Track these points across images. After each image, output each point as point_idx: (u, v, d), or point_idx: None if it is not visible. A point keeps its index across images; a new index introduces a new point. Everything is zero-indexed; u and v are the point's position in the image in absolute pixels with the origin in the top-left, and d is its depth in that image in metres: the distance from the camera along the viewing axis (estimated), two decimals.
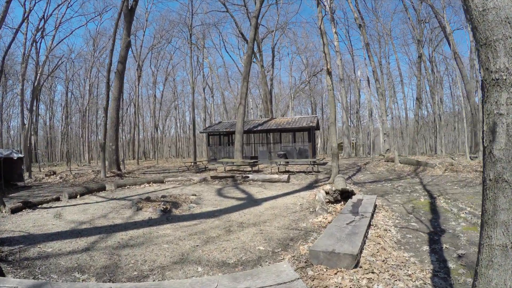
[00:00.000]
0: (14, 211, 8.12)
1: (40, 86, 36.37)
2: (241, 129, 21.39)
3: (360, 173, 15.95)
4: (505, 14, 2.00)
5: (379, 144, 41.29)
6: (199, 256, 4.63)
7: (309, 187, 11.48)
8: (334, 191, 7.41)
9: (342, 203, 7.40)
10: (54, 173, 19.82)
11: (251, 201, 8.90)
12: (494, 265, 2.05)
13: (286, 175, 13.17)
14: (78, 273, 4.15)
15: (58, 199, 10.04)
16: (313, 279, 3.68)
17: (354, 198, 7.07)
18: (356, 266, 3.90)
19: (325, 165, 19.50)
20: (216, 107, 59.68)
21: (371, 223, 5.80)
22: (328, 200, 7.55)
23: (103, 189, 12.12)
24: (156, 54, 46.18)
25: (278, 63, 66.87)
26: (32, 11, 27.58)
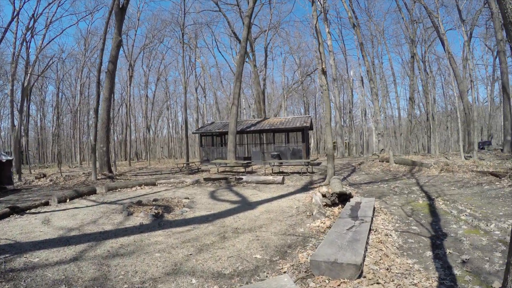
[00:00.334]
0: (1, 217, 7.79)
1: (30, 87, 35.73)
2: (234, 129, 21.13)
3: (355, 173, 15.79)
4: None
5: (372, 143, 41.36)
6: (193, 266, 4.38)
7: (304, 188, 11.27)
8: (332, 194, 7.20)
9: (340, 206, 7.19)
10: (44, 175, 19.40)
11: (245, 204, 8.64)
12: None
13: (280, 176, 12.94)
14: (65, 286, 3.87)
15: (47, 203, 9.70)
16: None
17: (352, 201, 6.86)
18: (360, 276, 3.68)
19: (319, 166, 19.33)
20: (209, 107, 59.34)
21: (371, 227, 5.60)
22: (325, 203, 7.33)
23: (93, 192, 11.78)
24: (148, 54, 45.74)
25: (270, 63, 66.81)
26: (22, 10, 27.15)
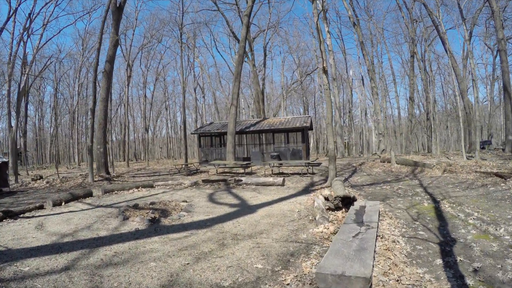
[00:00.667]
0: None
1: (28, 87, 35.43)
2: (233, 130, 20.89)
3: (356, 174, 15.54)
4: None
5: (372, 143, 41.15)
6: (190, 277, 4.11)
7: (305, 191, 11.00)
8: (335, 197, 6.93)
9: (344, 210, 6.93)
10: (41, 177, 19.10)
11: (245, 208, 8.36)
12: None
13: (280, 178, 12.66)
14: None
15: (42, 207, 9.43)
16: None
17: (356, 205, 6.61)
18: None
19: (320, 166, 19.06)
20: (208, 107, 59.10)
21: (377, 233, 5.35)
22: (328, 207, 7.07)
23: (89, 195, 11.51)
24: (146, 54, 45.46)
25: (269, 62, 66.41)
26: (20, 10, 26.84)
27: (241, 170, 18.20)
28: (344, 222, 5.41)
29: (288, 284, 3.85)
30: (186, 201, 9.41)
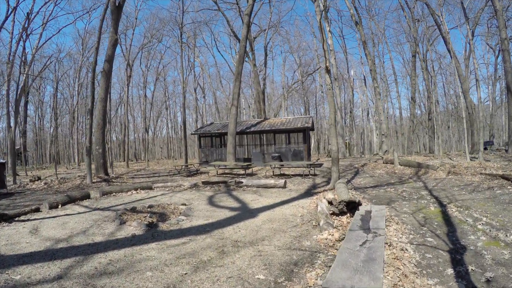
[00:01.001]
0: None
1: (28, 87, 35.21)
2: (233, 131, 20.66)
3: (358, 176, 15.29)
4: None
5: (373, 143, 40.90)
6: None
7: (307, 193, 10.74)
8: (339, 202, 6.68)
9: (349, 215, 6.69)
10: (39, 178, 18.88)
11: (246, 211, 8.11)
12: None
13: (282, 180, 12.41)
14: None
15: (38, 209, 9.19)
16: None
17: (362, 210, 6.36)
18: None
19: (321, 167, 18.83)
20: (208, 108, 58.88)
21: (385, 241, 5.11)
22: (332, 212, 6.82)
23: (87, 197, 11.27)
24: (146, 54, 45.23)
25: (270, 62, 66.28)
26: (19, 9, 26.63)
27: (242, 171, 17.98)
28: (349, 229, 5.17)
29: None
30: (185, 204, 9.17)
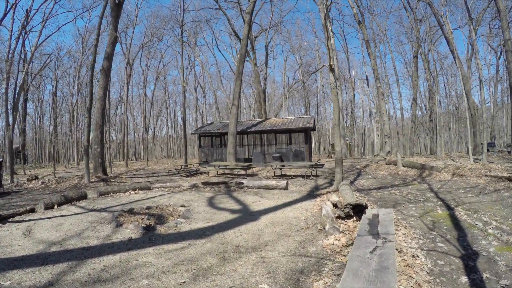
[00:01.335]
0: None
1: (27, 85, 34.93)
2: (234, 130, 20.37)
3: (361, 177, 15.02)
4: None
5: (374, 144, 40.64)
6: None
7: (310, 195, 10.44)
8: (346, 205, 6.39)
9: (355, 218, 6.41)
10: (36, 177, 18.57)
11: (247, 214, 7.81)
12: None
13: (284, 181, 12.12)
14: None
15: (32, 210, 8.91)
16: None
17: (368, 213, 6.08)
18: None
19: (323, 168, 18.56)
20: (208, 107, 58.59)
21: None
22: (337, 215, 6.54)
23: (84, 197, 10.97)
24: (147, 53, 44.93)
25: (271, 62, 65.92)
26: (19, 7, 26.40)
27: (242, 172, 17.71)
28: (358, 234, 4.89)
29: None
30: (185, 206, 8.88)
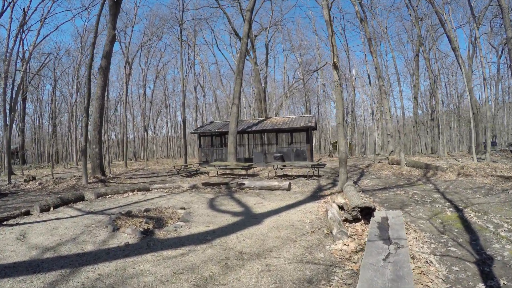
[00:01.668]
0: None
1: (25, 85, 34.63)
2: (234, 130, 20.07)
3: (364, 177, 14.74)
4: None
5: (372, 143, 40.35)
6: None
7: (314, 196, 10.15)
8: (353, 208, 6.11)
9: (363, 222, 6.13)
10: (34, 178, 18.27)
11: (249, 217, 7.52)
12: None
13: (286, 181, 11.83)
14: None
15: (28, 212, 8.63)
16: None
17: (377, 216, 5.80)
18: None
19: (324, 168, 18.28)
20: (208, 107, 58.33)
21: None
22: (344, 218, 6.25)
23: (81, 199, 10.68)
24: (146, 52, 44.60)
25: (271, 61, 65.62)
26: (17, 6, 26.10)
27: (243, 172, 17.43)
28: (368, 239, 4.61)
29: None
30: (184, 208, 8.59)
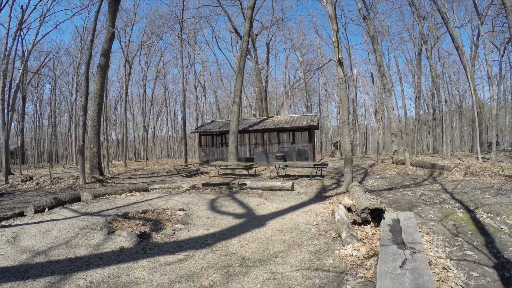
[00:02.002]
0: None
1: (25, 84, 34.34)
2: (235, 129, 19.73)
3: (369, 177, 14.40)
4: None
5: (375, 143, 39.99)
6: None
7: (318, 197, 9.80)
8: (363, 210, 5.77)
9: (373, 224, 5.79)
10: (31, 178, 17.96)
11: (252, 219, 7.15)
12: None
13: (289, 182, 11.48)
14: None
15: (22, 213, 8.30)
16: None
17: (388, 218, 5.46)
18: None
19: (327, 168, 17.94)
20: (209, 106, 58.01)
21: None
22: (353, 221, 5.91)
23: (77, 199, 10.36)
24: (146, 51, 44.27)
25: (272, 60, 65.41)
26: (16, 5, 25.83)
27: (244, 172, 17.11)
28: (381, 244, 4.28)
29: None
30: (184, 210, 8.26)
